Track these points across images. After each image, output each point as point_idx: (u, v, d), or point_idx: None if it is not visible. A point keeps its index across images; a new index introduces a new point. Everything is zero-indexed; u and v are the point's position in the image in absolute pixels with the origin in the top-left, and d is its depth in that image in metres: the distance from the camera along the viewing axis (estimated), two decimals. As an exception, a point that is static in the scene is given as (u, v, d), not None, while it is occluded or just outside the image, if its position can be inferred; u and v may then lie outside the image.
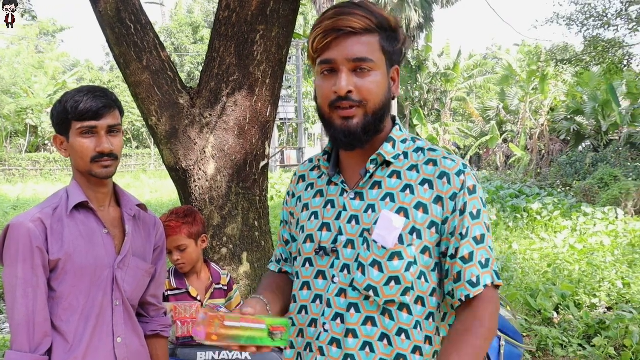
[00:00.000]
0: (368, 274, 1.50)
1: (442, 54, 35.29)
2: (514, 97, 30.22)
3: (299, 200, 1.75)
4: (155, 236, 2.20)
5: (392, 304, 1.50)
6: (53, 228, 1.91)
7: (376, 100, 1.51)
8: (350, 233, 1.56)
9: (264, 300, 1.64)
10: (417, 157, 1.57)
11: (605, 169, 16.86)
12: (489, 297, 1.49)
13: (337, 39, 1.49)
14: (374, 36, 1.50)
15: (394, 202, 1.52)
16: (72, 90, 2.00)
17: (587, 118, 25.34)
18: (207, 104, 4.56)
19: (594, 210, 12.27)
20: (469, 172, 1.53)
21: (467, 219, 1.49)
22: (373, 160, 1.57)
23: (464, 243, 1.49)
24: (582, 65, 18.35)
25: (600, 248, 9.02)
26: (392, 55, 1.55)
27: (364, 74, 1.49)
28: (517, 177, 24.54)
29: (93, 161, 1.95)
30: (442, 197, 1.51)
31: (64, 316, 1.93)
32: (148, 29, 4.58)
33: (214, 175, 4.55)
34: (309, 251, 1.63)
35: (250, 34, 4.48)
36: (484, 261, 1.49)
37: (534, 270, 7.72)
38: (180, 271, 2.86)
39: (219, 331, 1.43)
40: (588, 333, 5.33)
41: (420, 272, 1.50)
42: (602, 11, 16.82)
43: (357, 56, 1.48)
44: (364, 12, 1.49)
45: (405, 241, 1.49)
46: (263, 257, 4.82)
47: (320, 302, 1.59)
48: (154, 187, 23.70)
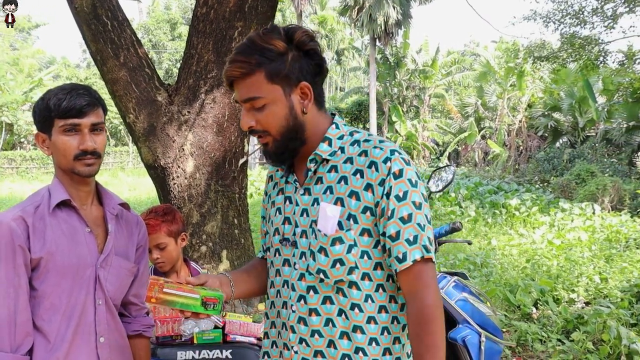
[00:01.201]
0: (317, 259, 1.70)
1: (420, 50, 35.43)
2: (492, 94, 30.42)
3: (269, 197, 1.96)
4: (137, 235, 2.20)
5: (342, 283, 1.68)
6: (35, 226, 1.90)
7: (277, 128, 1.69)
8: (303, 225, 1.76)
9: (229, 278, 1.85)
10: (353, 150, 1.72)
11: (582, 165, 17.04)
12: (421, 273, 1.64)
13: (233, 84, 1.71)
14: (258, 74, 1.65)
15: (332, 194, 1.70)
16: (55, 88, 1.98)
17: (564, 114, 25.58)
18: (186, 101, 4.53)
19: (571, 206, 12.40)
20: (395, 157, 1.66)
21: (392, 201, 1.64)
22: (312, 160, 1.75)
23: (391, 223, 1.64)
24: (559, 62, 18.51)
25: (578, 243, 9.11)
26: (289, 76, 1.67)
27: (260, 109, 1.68)
28: (495, 173, 24.73)
29: (76, 159, 1.93)
30: (371, 184, 1.66)
31: (45, 316, 1.91)
32: (125, 25, 4.53)
33: (193, 173, 4.52)
34: (276, 242, 1.84)
35: (229, 30, 4.45)
36: (411, 238, 1.64)
37: (512, 266, 7.77)
38: (160, 270, 2.83)
39: (157, 295, 1.65)
40: (567, 328, 5.37)
41: (361, 251, 1.68)
42: (579, 9, 17.00)
43: (245, 97, 1.68)
44: (243, 57, 1.65)
45: (345, 226, 1.67)
46: (243, 254, 4.80)
47: (287, 286, 1.78)
48: (132, 185, 23.52)
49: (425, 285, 1.64)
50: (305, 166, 1.78)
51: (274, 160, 1.78)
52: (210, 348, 2.64)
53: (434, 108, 39.21)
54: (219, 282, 1.80)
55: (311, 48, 1.71)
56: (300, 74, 1.69)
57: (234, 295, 1.83)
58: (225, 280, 1.83)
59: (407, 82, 34.97)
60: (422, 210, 1.67)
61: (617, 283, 6.54)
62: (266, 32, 1.68)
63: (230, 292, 1.82)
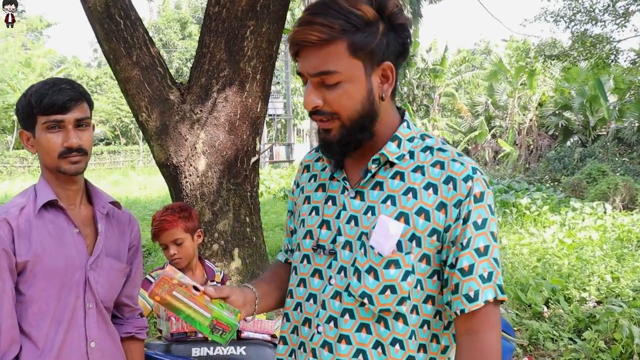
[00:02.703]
0: (364, 280, 1.43)
1: (430, 49, 35.34)
2: (503, 93, 30.30)
3: (302, 191, 1.68)
4: (130, 234, 2.10)
5: (388, 313, 1.43)
6: (20, 229, 1.80)
7: (349, 112, 1.41)
8: (349, 234, 1.48)
9: (255, 293, 1.60)
10: (424, 158, 1.46)
11: (593, 164, 16.96)
12: (489, 315, 1.40)
13: (300, 52, 1.41)
14: (339, 43, 1.35)
15: (395, 206, 1.43)
16: (37, 83, 1.87)
17: (575, 113, 25.49)
18: (198, 99, 4.55)
19: (582, 205, 12.34)
20: (478, 177, 1.42)
21: (469, 229, 1.39)
22: (375, 160, 1.47)
23: (465, 254, 1.39)
24: (570, 61, 18.43)
25: (589, 242, 9.07)
26: (374, 53, 1.39)
27: (331, 87, 1.39)
28: (505, 172, 24.64)
29: (61, 157, 1.83)
30: (446, 204, 1.40)
31: (33, 321, 1.82)
32: (137, 24, 4.55)
33: (205, 171, 4.54)
34: (307, 247, 1.57)
35: (241, 29, 4.46)
36: (486, 275, 1.39)
37: (523, 265, 7.75)
38: (176, 267, 2.84)
39: (163, 295, 1.44)
40: (578, 327, 5.36)
41: (416, 280, 1.42)
42: (590, 7, 16.92)
43: (317, 70, 1.38)
44: (325, 19, 1.34)
45: (404, 248, 1.40)
46: (254, 253, 4.81)
47: (314, 301, 1.52)
48: (143, 184, 23.57)
49: (490, 329, 1.39)
50: (359, 164, 1.51)
51: (332, 152, 1.49)
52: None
53: (444, 107, 39.10)
54: (242, 299, 1.54)
55: (402, 22, 1.42)
56: (386, 51, 1.40)
57: (255, 313, 1.61)
58: (251, 298, 1.58)
59: (417, 81, 34.91)
60: (497, 243, 1.44)
61: (628, 282, 6.51)
62: None
63: (252, 311, 1.59)
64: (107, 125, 41.06)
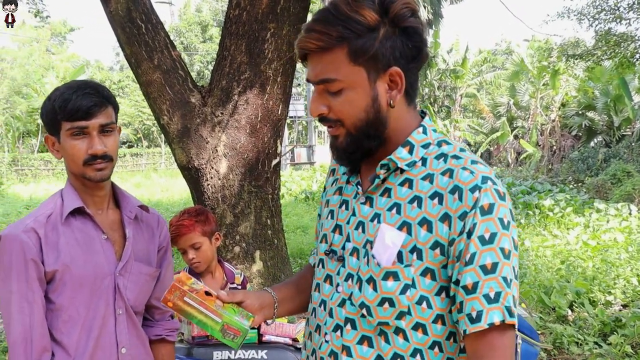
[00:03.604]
0: (363, 290, 1.37)
1: (451, 50, 35.15)
2: (525, 93, 30.05)
3: (326, 194, 1.66)
4: (159, 236, 2.08)
5: (387, 327, 1.35)
6: (47, 237, 1.79)
7: (353, 119, 1.37)
8: (356, 241, 1.44)
9: (274, 296, 1.58)
10: (437, 165, 1.37)
11: (618, 165, 16.76)
12: (495, 340, 1.28)
13: (306, 59, 1.39)
14: (338, 50, 1.32)
15: (399, 215, 1.37)
16: (62, 86, 1.83)
17: (599, 113, 25.19)
18: (219, 102, 4.56)
19: (606, 207, 12.18)
20: (487, 187, 1.31)
21: (474, 243, 1.28)
22: (384, 166, 1.41)
23: (468, 270, 1.28)
24: (594, 60, 18.20)
25: (614, 245, 8.95)
26: (378, 58, 1.34)
27: (335, 94, 1.37)
28: (528, 173, 24.41)
29: (85, 164, 1.80)
30: (450, 216, 1.31)
31: (64, 329, 1.82)
32: (159, 28, 4.58)
33: (226, 174, 4.54)
34: (322, 251, 1.55)
35: (261, 32, 4.47)
36: (492, 295, 1.27)
37: (547, 267, 7.67)
38: (196, 270, 2.85)
39: (175, 301, 1.47)
40: (604, 331, 5.28)
41: (420, 296, 1.33)
42: (614, 5, 16.69)
43: (319, 78, 1.37)
44: (323, 27, 1.32)
45: (405, 260, 1.33)
46: (276, 255, 4.81)
47: (324, 308, 1.49)
48: (165, 186, 23.73)
49: (496, 357, 1.28)
50: (373, 169, 1.45)
51: (340, 159, 1.46)
52: (245, 348, 2.64)
53: (466, 108, 38.87)
54: (259, 304, 1.53)
55: (411, 25, 1.35)
56: (392, 56, 1.34)
57: (275, 317, 1.59)
58: (269, 301, 1.56)
59: (438, 82, 34.74)
60: (510, 261, 1.29)
61: (655, 285, 6.42)
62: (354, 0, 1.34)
63: (271, 315, 1.57)
64: (129, 128, 41.41)
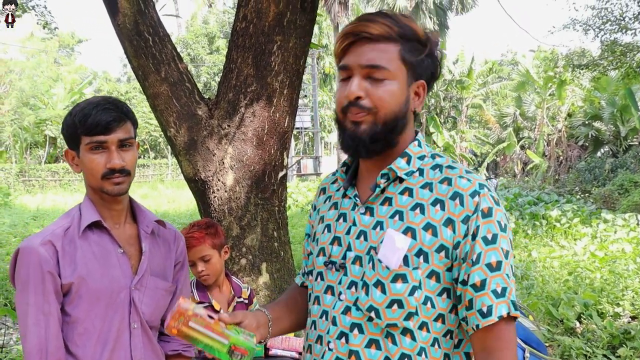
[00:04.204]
0: (371, 294, 1.45)
1: (457, 61, 35.20)
2: (531, 104, 30.04)
3: (317, 212, 1.72)
4: (175, 252, 2.10)
5: (395, 328, 1.43)
6: (65, 250, 1.82)
7: (387, 110, 1.46)
8: (358, 249, 1.51)
9: (268, 315, 1.63)
10: (433, 175, 1.49)
11: (625, 175, 16.71)
12: (503, 332, 1.40)
13: (353, 44, 1.46)
14: (394, 45, 1.45)
15: (402, 221, 1.45)
16: (82, 102, 1.89)
17: (606, 123, 25.15)
18: (226, 114, 4.57)
19: (614, 217, 12.13)
20: (484, 193, 1.43)
21: (479, 244, 1.40)
22: (384, 175, 1.51)
23: (476, 269, 1.39)
24: (600, 70, 18.21)
25: (622, 255, 8.90)
26: (415, 67, 1.48)
27: (377, 82, 1.45)
28: (535, 184, 24.36)
29: (104, 178, 1.84)
30: (453, 220, 1.42)
31: (79, 341, 1.84)
32: (166, 41, 4.60)
33: (233, 186, 4.55)
34: (320, 265, 1.60)
35: (268, 44, 4.48)
36: (499, 290, 1.39)
37: (554, 279, 7.64)
38: (204, 283, 2.85)
39: (180, 327, 1.46)
40: (612, 343, 5.25)
41: (425, 297, 1.43)
42: (620, 15, 16.69)
43: (370, 63, 1.44)
44: (385, 20, 1.45)
45: (411, 263, 1.42)
46: (282, 267, 4.80)
47: (325, 318, 1.54)
48: (172, 197, 23.79)
49: (505, 347, 1.40)
50: (371, 181, 1.55)
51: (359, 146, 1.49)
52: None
53: (472, 118, 38.86)
54: (256, 323, 1.57)
55: (437, 52, 1.54)
56: (423, 71, 1.51)
57: (269, 336, 1.64)
58: (264, 321, 1.61)
59: (444, 93, 34.76)
60: (509, 260, 1.43)
61: (664, 297, 6.38)
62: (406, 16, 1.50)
63: (266, 334, 1.62)
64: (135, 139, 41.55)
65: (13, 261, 1.84)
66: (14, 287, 1.85)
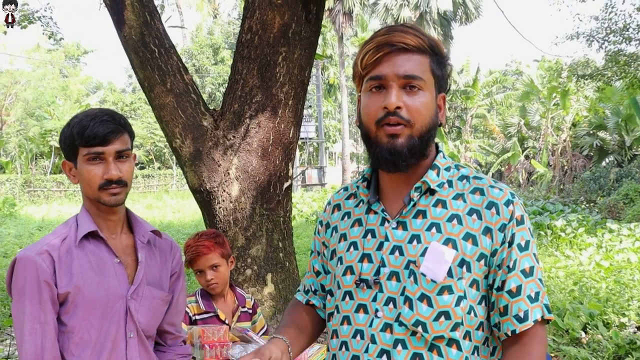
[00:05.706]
0: (416, 308, 1.44)
1: (462, 71, 35.26)
2: (535, 113, 30.02)
3: (334, 230, 1.68)
4: (172, 262, 2.11)
5: (441, 340, 1.44)
6: (61, 260, 1.83)
7: (423, 122, 1.47)
8: (394, 265, 1.49)
9: (286, 341, 1.60)
10: (463, 186, 1.52)
11: (630, 185, 16.66)
12: (538, 334, 1.45)
13: (388, 55, 1.45)
14: (426, 56, 1.48)
15: (440, 233, 1.46)
16: (80, 113, 1.91)
17: (610, 133, 25.13)
18: (231, 125, 4.59)
19: (619, 227, 12.08)
20: (517, 201, 1.49)
21: (514, 251, 1.45)
22: (417, 188, 1.51)
23: (512, 276, 1.44)
24: (604, 80, 18.20)
25: (627, 265, 8.87)
26: (440, 80, 1.53)
27: (414, 93, 1.45)
28: (540, 193, 24.31)
29: (101, 189, 1.86)
30: (491, 229, 1.45)
31: (75, 351, 1.85)
32: (172, 52, 4.63)
33: (238, 197, 4.57)
34: (349, 284, 1.56)
35: (273, 56, 4.51)
36: (533, 295, 1.45)
37: (559, 289, 7.61)
38: (212, 292, 2.88)
39: None
40: (618, 353, 5.23)
41: (469, 306, 1.45)
42: (623, 26, 16.72)
43: (408, 73, 1.45)
44: (416, 32, 1.48)
45: (455, 274, 1.43)
46: (287, 277, 4.81)
47: (361, 337, 1.51)
48: (176, 208, 23.79)
49: (538, 343, 1.45)
50: (398, 195, 1.55)
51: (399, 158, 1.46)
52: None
53: (476, 128, 38.85)
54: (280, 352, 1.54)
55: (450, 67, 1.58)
56: (444, 85, 1.55)
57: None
58: (284, 348, 1.58)
59: (449, 103, 34.80)
60: (539, 264, 1.50)
61: (670, 307, 6.35)
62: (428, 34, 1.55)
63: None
64: (141, 149, 41.67)
65: (10, 271, 1.85)
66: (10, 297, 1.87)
